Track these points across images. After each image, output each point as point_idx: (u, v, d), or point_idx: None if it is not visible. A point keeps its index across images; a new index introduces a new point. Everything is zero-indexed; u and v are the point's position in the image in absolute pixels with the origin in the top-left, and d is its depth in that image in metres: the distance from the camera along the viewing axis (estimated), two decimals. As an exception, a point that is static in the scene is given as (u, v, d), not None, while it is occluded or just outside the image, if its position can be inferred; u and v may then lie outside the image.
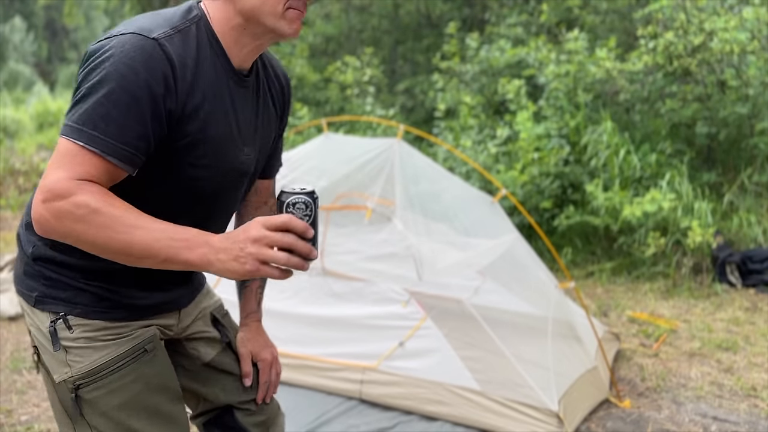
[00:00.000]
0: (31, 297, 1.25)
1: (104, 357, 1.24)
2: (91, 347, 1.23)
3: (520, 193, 5.15)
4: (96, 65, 1.10)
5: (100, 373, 1.23)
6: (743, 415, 2.95)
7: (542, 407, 2.68)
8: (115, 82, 1.07)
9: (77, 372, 1.22)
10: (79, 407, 1.23)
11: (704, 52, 5.14)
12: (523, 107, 5.65)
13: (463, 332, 3.12)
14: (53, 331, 1.22)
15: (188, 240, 1.07)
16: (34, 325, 1.27)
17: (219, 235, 1.10)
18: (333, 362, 3.10)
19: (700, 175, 5.31)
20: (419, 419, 2.84)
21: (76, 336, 1.23)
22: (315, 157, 3.77)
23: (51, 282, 1.24)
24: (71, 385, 1.23)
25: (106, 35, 1.15)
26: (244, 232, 1.07)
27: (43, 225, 1.07)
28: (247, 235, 1.06)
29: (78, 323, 1.23)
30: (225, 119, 1.22)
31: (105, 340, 1.24)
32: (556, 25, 6.94)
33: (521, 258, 3.35)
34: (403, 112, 7.95)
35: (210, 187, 1.24)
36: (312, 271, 3.82)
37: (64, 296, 1.24)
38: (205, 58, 1.18)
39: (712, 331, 3.91)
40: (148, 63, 1.09)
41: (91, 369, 1.22)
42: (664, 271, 4.78)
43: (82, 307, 1.24)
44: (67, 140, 1.07)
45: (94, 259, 1.15)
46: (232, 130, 1.24)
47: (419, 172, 3.55)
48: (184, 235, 1.08)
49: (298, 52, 8.71)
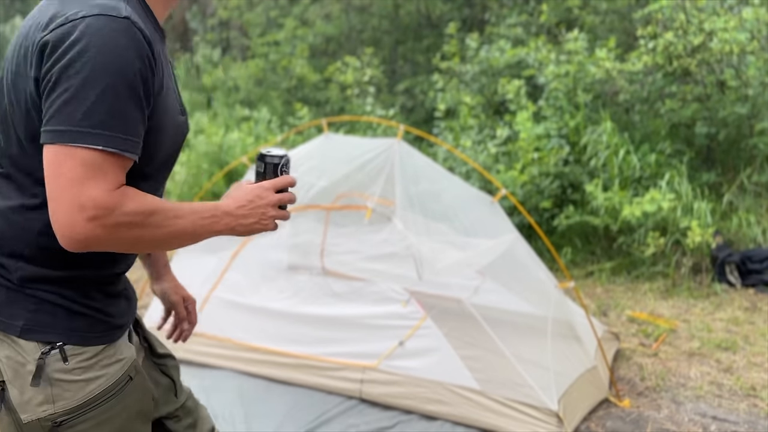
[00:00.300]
0: (15, 326, 1.13)
1: (99, 386, 1.16)
2: (83, 379, 1.15)
3: (520, 193, 5.16)
4: (75, 56, 1.01)
5: (90, 405, 1.15)
6: (742, 415, 2.95)
7: (542, 407, 2.69)
8: (109, 75, 1.02)
9: (62, 408, 1.13)
10: None
11: (704, 52, 5.14)
12: (523, 107, 5.65)
13: (463, 332, 3.13)
14: (42, 364, 1.11)
15: (213, 215, 1.15)
16: (10, 357, 1.13)
17: (230, 202, 1.18)
18: (333, 362, 3.10)
19: (700, 175, 5.32)
20: (419, 418, 2.85)
21: (72, 367, 1.14)
22: (315, 157, 3.77)
23: (44, 307, 1.14)
24: (48, 423, 1.12)
25: (61, 19, 1.05)
26: (260, 198, 1.18)
27: (92, 241, 1.03)
28: (267, 201, 1.19)
29: (75, 352, 1.14)
30: (171, 84, 1.22)
31: (101, 367, 1.17)
32: (555, 26, 6.94)
33: (521, 258, 3.35)
34: (403, 113, 7.95)
35: (170, 152, 1.25)
36: (312, 270, 3.83)
37: (59, 323, 1.14)
38: (146, 23, 1.14)
39: (711, 330, 3.91)
40: (134, 47, 1.05)
41: (84, 401, 1.14)
42: (663, 270, 4.79)
43: (80, 333, 1.16)
44: (85, 148, 1.01)
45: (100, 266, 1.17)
46: (175, 93, 1.24)
47: (419, 172, 3.56)
48: (207, 211, 1.15)
49: (298, 53, 8.71)
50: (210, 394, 3.16)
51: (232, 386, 3.19)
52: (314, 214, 3.97)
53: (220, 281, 3.58)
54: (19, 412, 1.12)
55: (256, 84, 9.14)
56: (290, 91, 8.70)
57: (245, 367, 3.29)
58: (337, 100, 8.07)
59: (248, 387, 3.17)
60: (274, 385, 3.17)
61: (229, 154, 6.94)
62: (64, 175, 1.01)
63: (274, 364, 3.22)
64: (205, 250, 3.75)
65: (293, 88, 8.68)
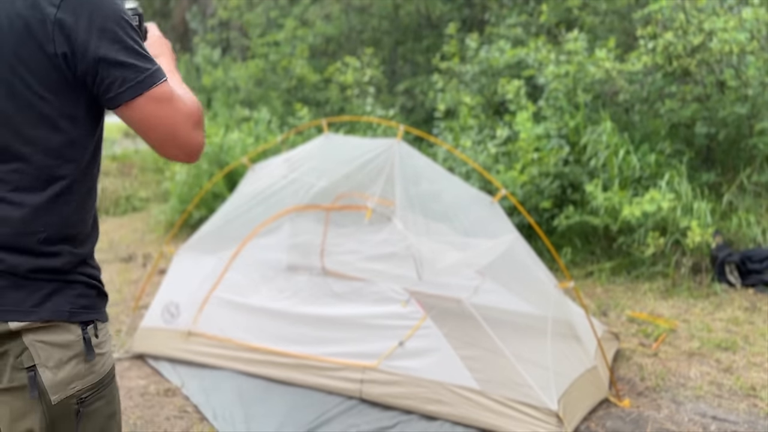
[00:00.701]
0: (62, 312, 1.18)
1: (110, 361, 1.25)
2: (103, 353, 1.24)
3: (520, 193, 5.16)
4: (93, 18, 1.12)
5: (104, 381, 1.23)
6: (742, 415, 2.95)
7: (542, 406, 2.69)
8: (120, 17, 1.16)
9: (88, 383, 1.20)
10: (76, 423, 1.20)
11: (703, 52, 5.14)
12: (523, 107, 5.65)
13: (463, 332, 3.13)
14: (88, 338, 1.19)
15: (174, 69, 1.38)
16: (45, 341, 1.17)
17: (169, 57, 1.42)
18: (333, 362, 3.10)
19: (700, 175, 5.32)
20: (419, 418, 2.85)
21: (99, 341, 1.23)
22: (315, 157, 3.77)
23: (82, 290, 1.21)
24: (74, 401, 1.19)
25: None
26: (165, 44, 1.44)
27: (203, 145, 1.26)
28: (168, 44, 1.46)
29: (100, 328, 1.24)
30: None
31: (108, 343, 1.27)
32: (555, 26, 6.94)
33: (521, 258, 3.35)
34: (403, 113, 7.95)
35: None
36: (312, 270, 3.83)
37: (93, 302, 1.23)
38: None
39: (711, 330, 3.91)
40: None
41: (102, 377, 1.22)
42: (663, 270, 4.79)
43: (103, 311, 1.26)
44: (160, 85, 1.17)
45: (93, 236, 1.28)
46: None
47: (419, 172, 3.56)
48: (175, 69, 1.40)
49: (298, 53, 8.71)
50: (210, 394, 3.16)
51: (232, 386, 3.19)
52: (314, 214, 3.97)
53: (220, 281, 3.58)
54: (49, 394, 1.17)
55: (256, 84, 9.14)
56: (290, 92, 8.70)
57: (245, 367, 3.29)
58: (337, 100, 8.07)
59: (248, 387, 3.17)
60: (274, 386, 3.17)
61: (229, 154, 6.93)
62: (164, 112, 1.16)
63: (274, 364, 3.22)
64: (205, 250, 3.75)
65: (293, 88, 8.68)
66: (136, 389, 3.30)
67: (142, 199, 8.47)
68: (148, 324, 3.65)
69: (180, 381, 3.32)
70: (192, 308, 3.54)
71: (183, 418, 3.03)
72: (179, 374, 3.37)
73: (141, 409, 3.11)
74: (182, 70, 11.22)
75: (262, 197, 3.72)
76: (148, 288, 4.42)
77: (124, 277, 5.41)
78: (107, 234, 7.02)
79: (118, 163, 9.87)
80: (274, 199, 3.68)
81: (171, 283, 3.74)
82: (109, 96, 1.15)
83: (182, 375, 3.36)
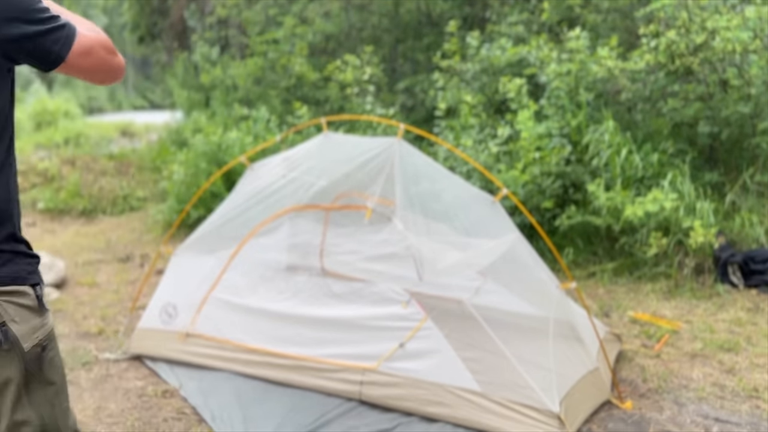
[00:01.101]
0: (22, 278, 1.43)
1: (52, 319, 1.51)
2: (48, 310, 1.49)
3: (522, 193, 5.13)
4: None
5: (52, 332, 1.50)
6: (745, 416, 2.93)
7: (543, 408, 2.66)
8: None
9: (45, 332, 1.46)
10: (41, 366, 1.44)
11: (706, 51, 5.11)
12: (525, 106, 5.62)
13: (464, 333, 3.10)
14: (40, 295, 1.45)
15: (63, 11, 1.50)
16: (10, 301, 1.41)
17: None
18: (332, 363, 3.08)
19: (702, 174, 5.29)
20: (419, 420, 2.83)
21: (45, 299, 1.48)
22: (315, 157, 3.74)
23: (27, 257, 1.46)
24: (39, 348, 1.43)
25: None
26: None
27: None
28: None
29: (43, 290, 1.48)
30: None
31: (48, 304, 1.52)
32: (557, 24, 6.91)
33: (522, 258, 3.33)
34: (403, 111, 7.92)
35: None
36: (311, 271, 3.80)
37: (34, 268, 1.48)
38: None
39: (714, 331, 3.89)
40: None
41: (52, 329, 1.49)
42: (665, 271, 4.76)
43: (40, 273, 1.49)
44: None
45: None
46: None
47: (419, 171, 3.53)
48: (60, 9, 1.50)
49: (297, 51, 8.67)
50: (208, 395, 3.14)
51: (231, 388, 3.16)
52: (314, 214, 3.94)
53: (219, 282, 3.55)
54: (21, 342, 1.40)
55: (254, 83, 9.10)
56: (289, 90, 8.66)
57: (243, 368, 3.26)
58: (337, 98, 8.03)
59: (246, 389, 3.15)
60: (273, 387, 3.15)
61: (228, 153, 6.90)
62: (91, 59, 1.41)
63: (273, 365, 3.20)
64: (203, 250, 3.72)
65: (292, 86, 8.64)
66: (133, 390, 3.27)
67: (140, 199, 8.44)
68: (146, 325, 3.63)
69: (178, 382, 3.30)
70: (190, 309, 3.51)
71: (181, 419, 3.01)
72: (177, 375, 3.35)
73: (139, 410, 3.09)
74: (180, 68, 11.18)
75: (261, 197, 3.69)
76: (145, 288, 4.39)
77: (121, 277, 5.38)
78: (104, 234, 7.00)
79: (115, 162, 9.82)
80: (273, 198, 3.65)
81: (169, 283, 3.72)
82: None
83: (180, 376, 3.34)
